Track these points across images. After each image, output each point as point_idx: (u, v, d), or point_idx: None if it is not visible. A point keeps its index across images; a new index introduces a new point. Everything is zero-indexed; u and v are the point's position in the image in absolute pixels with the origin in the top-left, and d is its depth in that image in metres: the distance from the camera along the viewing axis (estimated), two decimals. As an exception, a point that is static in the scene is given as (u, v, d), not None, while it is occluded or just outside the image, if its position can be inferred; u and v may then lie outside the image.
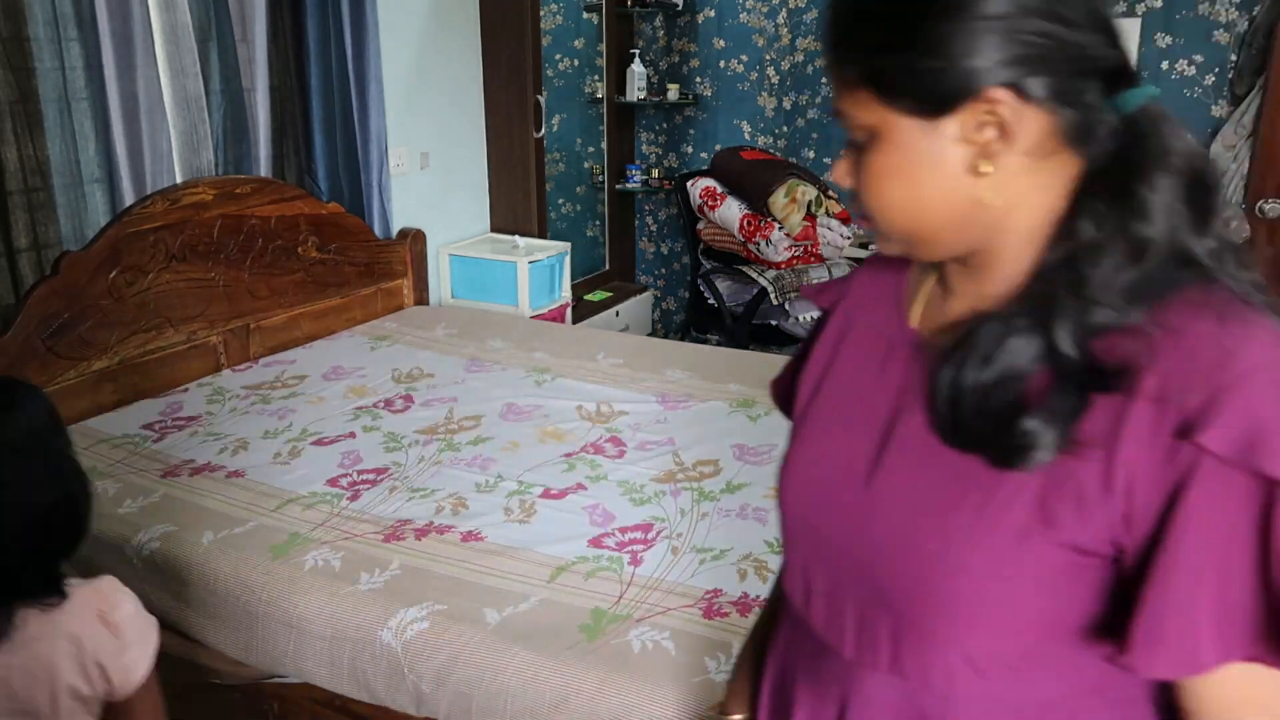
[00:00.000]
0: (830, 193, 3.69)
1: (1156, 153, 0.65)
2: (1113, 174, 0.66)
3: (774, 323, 3.64)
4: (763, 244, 3.53)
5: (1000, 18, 0.62)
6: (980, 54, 0.62)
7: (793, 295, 3.55)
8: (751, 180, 3.56)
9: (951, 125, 0.65)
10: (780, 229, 3.52)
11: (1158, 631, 0.63)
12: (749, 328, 3.66)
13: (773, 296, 3.54)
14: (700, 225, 3.78)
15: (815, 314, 3.57)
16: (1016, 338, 0.66)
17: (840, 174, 0.74)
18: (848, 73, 0.69)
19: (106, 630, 1.04)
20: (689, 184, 3.76)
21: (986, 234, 0.69)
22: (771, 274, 3.56)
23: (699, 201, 3.68)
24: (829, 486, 0.78)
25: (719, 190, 3.66)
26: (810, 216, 3.56)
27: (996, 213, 0.67)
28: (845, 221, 3.69)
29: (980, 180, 0.66)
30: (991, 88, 0.63)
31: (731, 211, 3.60)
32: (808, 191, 3.52)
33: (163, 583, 1.77)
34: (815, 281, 3.52)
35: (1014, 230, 0.68)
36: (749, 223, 3.54)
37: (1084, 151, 0.66)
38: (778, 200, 3.49)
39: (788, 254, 3.54)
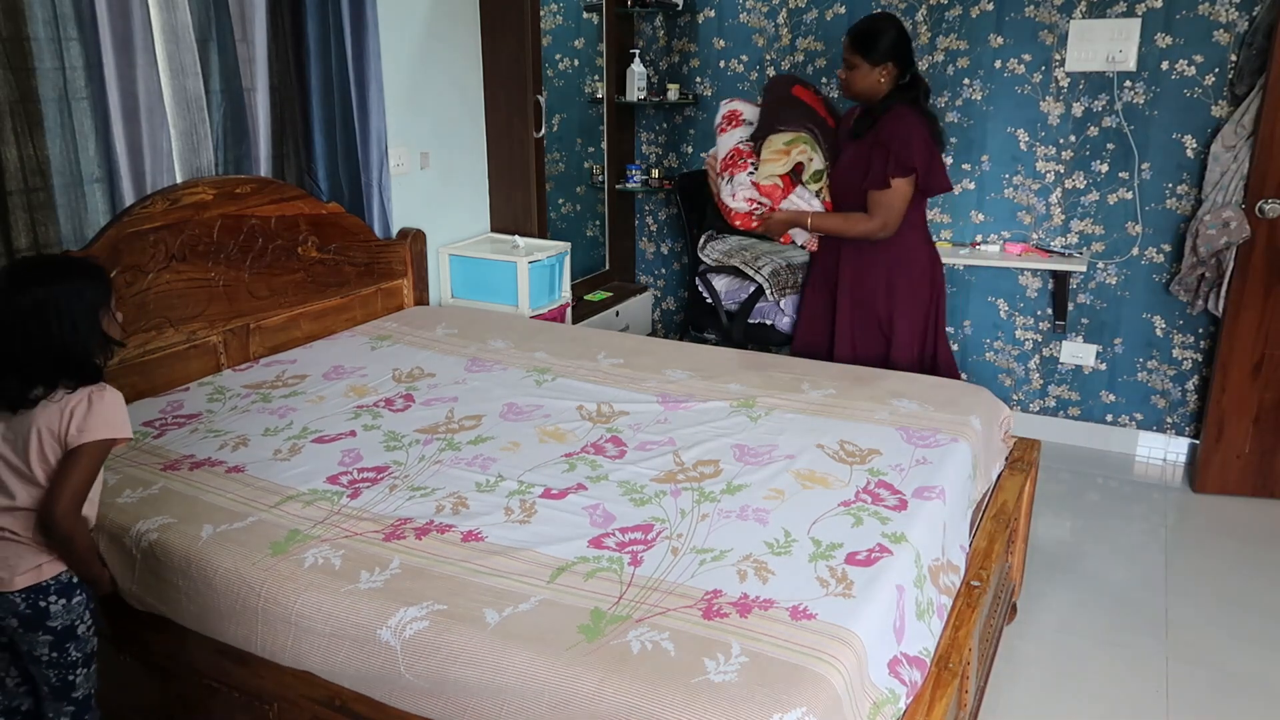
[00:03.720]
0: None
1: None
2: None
3: (769, 322, 3.63)
4: (727, 179, 3.07)
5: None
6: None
7: (788, 291, 3.52)
8: (775, 113, 3.10)
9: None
10: (753, 170, 3.05)
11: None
12: (745, 326, 3.65)
13: (769, 294, 3.53)
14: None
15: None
16: None
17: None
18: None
19: (87, 403, 1.58)
20: (721, 101, 3.35)
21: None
22: (768, 270, 3.54)
23: (719, 121, 3.23)
24: None
25: (744, 116, 3.21)
26: (788, 179, 3.04)
27: None
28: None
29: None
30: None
31: (733, 140, 3.15)
32: (813, 157, 3.03)
33: (161, 574, 1.77)
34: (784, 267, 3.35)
35: None
36: (735, 155, 3.08)
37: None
38: (775, 142, 3.01)
39: (744, 203, 3.03)
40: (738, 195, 3.03)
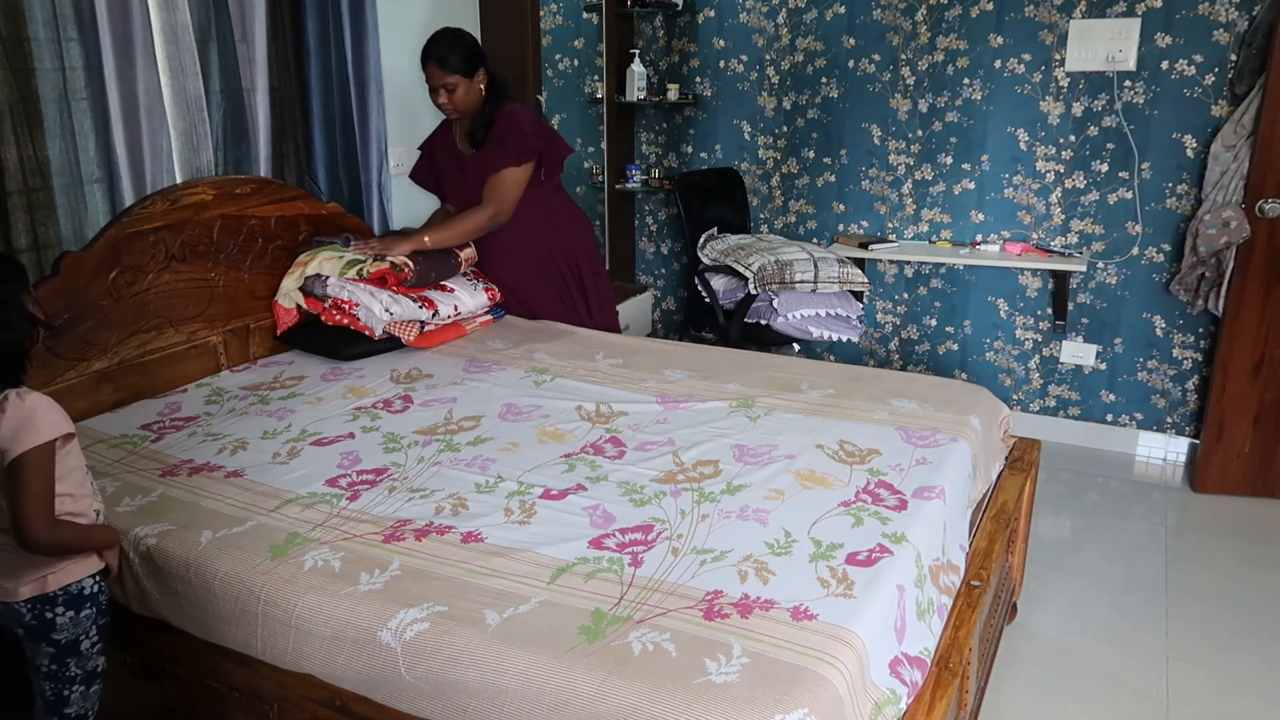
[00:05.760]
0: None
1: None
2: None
3: (764, 321, 3.63)
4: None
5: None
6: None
7: (775, 286, 3.51)
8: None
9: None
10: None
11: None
12: (741, 325, 3.65)
13: (752, 287, 3.52)
14: None
15: (804, 311, 3.56)
16: None
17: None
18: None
19: (5, 410, 1.48)
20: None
21: None
22: (756, 265, 3.54)
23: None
24: None
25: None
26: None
27: None
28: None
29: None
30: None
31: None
32: (340, 256, 2.85)
33: (160, 579, 1.77)
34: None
35: None
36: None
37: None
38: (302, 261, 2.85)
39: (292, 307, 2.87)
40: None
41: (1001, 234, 3.83)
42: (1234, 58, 3.31)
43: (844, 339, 3.65)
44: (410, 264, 2.86)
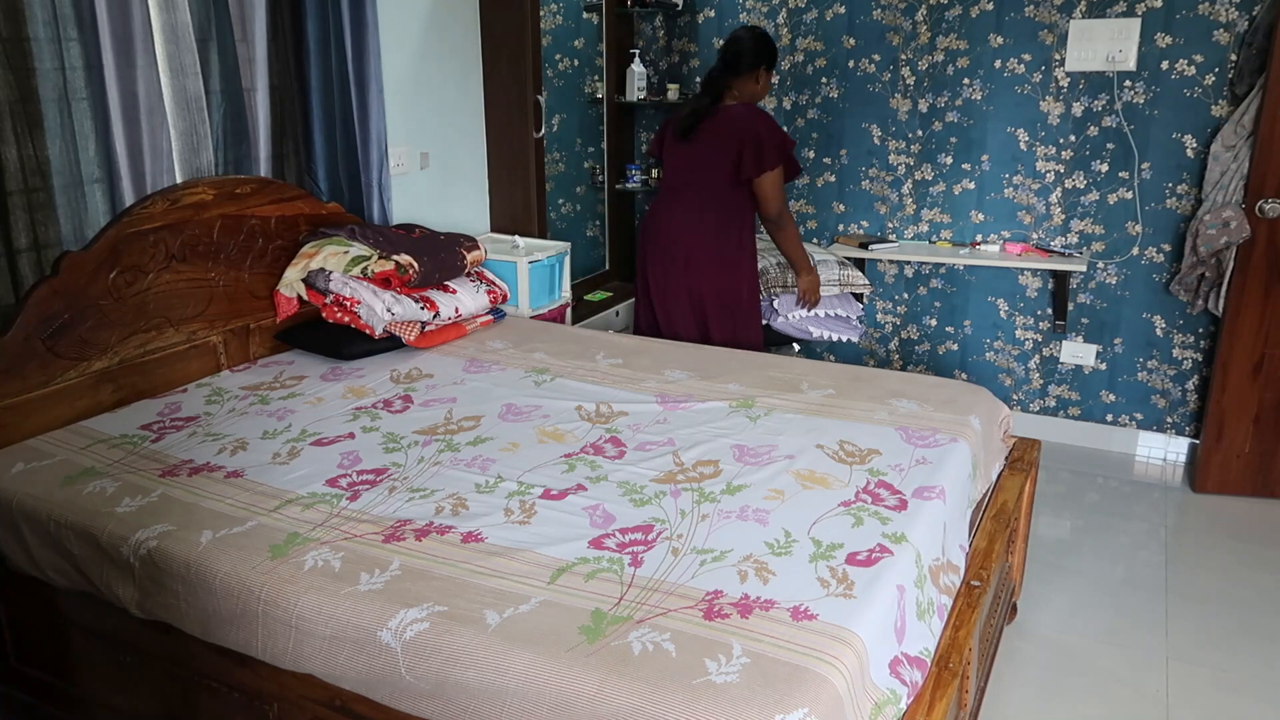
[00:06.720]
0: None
1: None
2: None
3: (764, 321, 3.63)
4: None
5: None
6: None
7: (777, 290, 3.51)
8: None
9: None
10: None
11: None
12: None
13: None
14: None
15: (804, 312, 3.56)
16: None
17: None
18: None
19: None
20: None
21: None
22: (757, 267, 3.53)
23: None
24: None
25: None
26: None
27: None
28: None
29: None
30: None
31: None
32: (347, 250, 2.83)
33: (161, 580, 1.77)
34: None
35: None
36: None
37: None
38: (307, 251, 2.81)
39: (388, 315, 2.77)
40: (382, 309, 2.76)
41: (1001, 234, 3.83)
42: (1234, 58, 3.31)
43: (844, 339, 3.65)
44: (415, 264, 2.86)
